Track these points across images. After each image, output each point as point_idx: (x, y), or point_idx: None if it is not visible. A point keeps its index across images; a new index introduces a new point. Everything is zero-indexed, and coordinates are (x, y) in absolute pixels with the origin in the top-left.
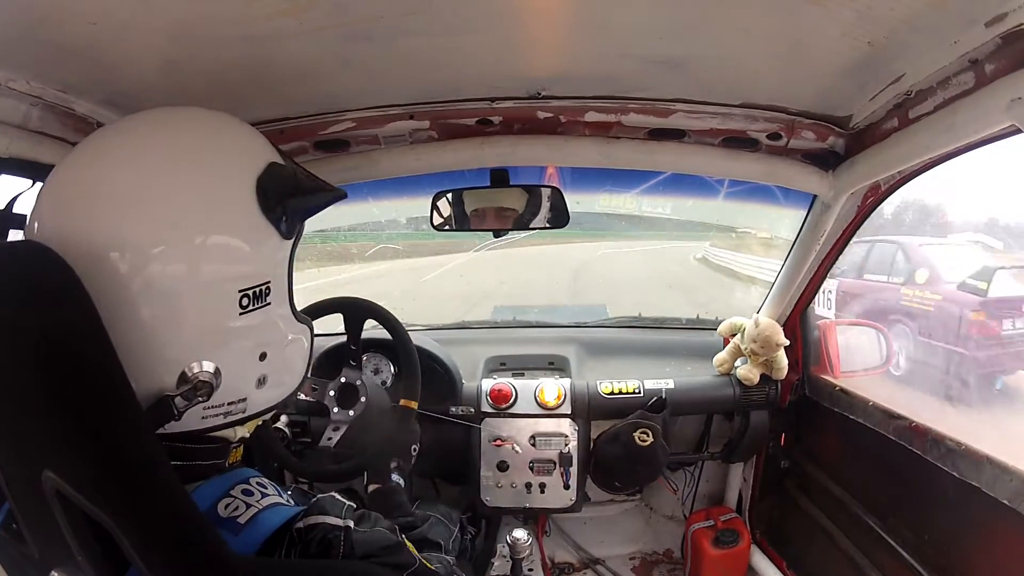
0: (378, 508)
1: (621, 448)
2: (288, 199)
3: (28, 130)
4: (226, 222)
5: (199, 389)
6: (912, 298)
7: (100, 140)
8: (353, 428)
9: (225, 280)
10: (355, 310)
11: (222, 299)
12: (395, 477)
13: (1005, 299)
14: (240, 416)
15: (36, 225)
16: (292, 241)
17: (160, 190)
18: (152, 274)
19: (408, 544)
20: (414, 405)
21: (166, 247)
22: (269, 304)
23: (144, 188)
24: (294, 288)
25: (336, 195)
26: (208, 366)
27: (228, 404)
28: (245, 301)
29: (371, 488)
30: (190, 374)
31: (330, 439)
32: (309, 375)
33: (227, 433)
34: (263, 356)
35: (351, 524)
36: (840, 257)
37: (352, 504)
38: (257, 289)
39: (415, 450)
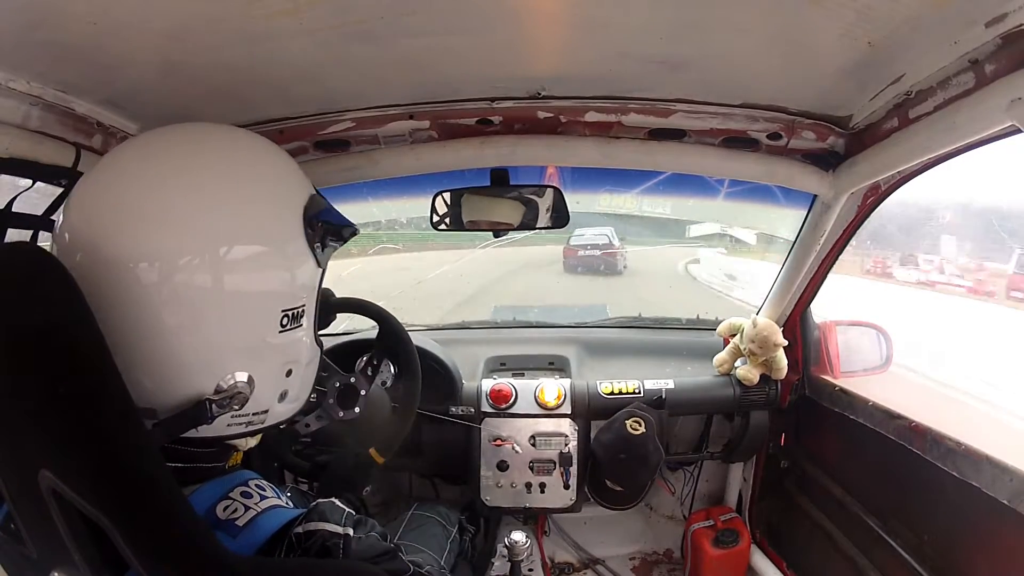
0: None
1: (613, 435)
2: (327, 230)
3: (28, 130)
4: (279, 247)
5: (235, 398)
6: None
7: (145, 152)
8: (332, 429)
9: (273, 299)
10: (391, 331)
11: (267, 316)
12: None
13: (576, 245)
14: (259, 427)
15: (67, 235)
16: (322, 270)
17: (221, 212)
18: (209, 283)
19: (400, 552)
20: (380, 461)
21: (223, 261)
22: (301, 326)
23: (204, 208)
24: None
25: (355, 230)
26: (243, 376)
27: (253, 414)
28: (285, 320)
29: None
30: (227, 384)
31: (308, 426)
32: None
33: (238, 442)
34: (289, 372)
35: (350, 532)
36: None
37: (351, 511)
38: (295, 311)
39: (367, 492)
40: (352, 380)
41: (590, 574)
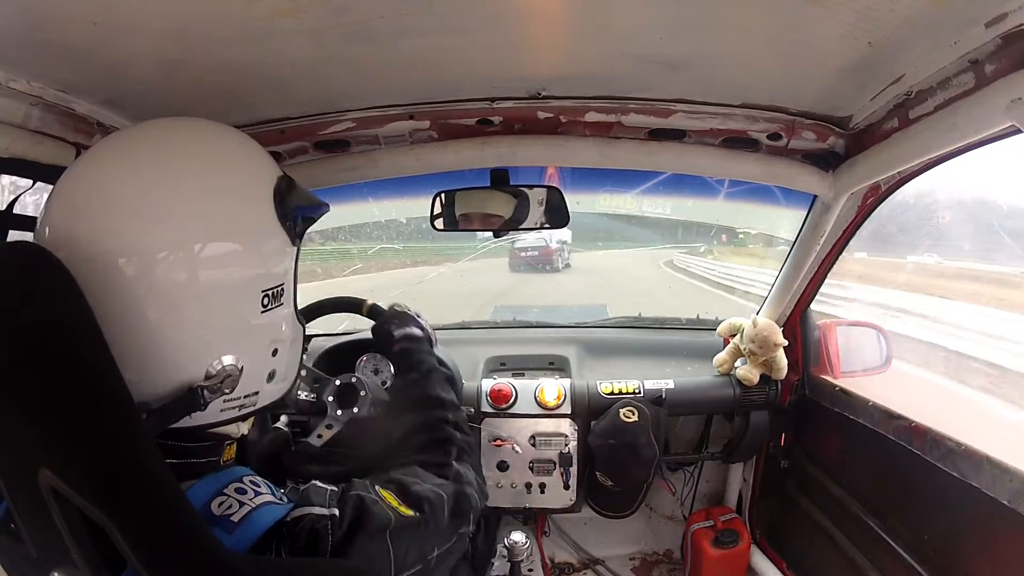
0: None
1: (605, 423)
2: (297, 208)
3: (28, 130)
4: (253, 229)
5: (225, 382)
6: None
7: (117, 147)
8: (346, 431)
9: (251, 280)
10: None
11: (248, 298)
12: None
13: (518, 248)
14: (251, 409)
15: (47, 230)
16: (297, 248)
17: (193, 200)
18: (189, 275)
19: (387, 495)
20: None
21: (201, 251)
22: (282, 304)
23: (176, 197)
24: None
25: (325, 207)
26: (230, 359)
27: (244, 397)
28: (266, 300)
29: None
30: (215, 369)
31: (320, 436)
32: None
33: (230, 429)
34: (275, 352)
35: (335, 512)
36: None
37: (335, 488)
38: (275, 290)
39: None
40: (353, 380)
41: (590, 574)
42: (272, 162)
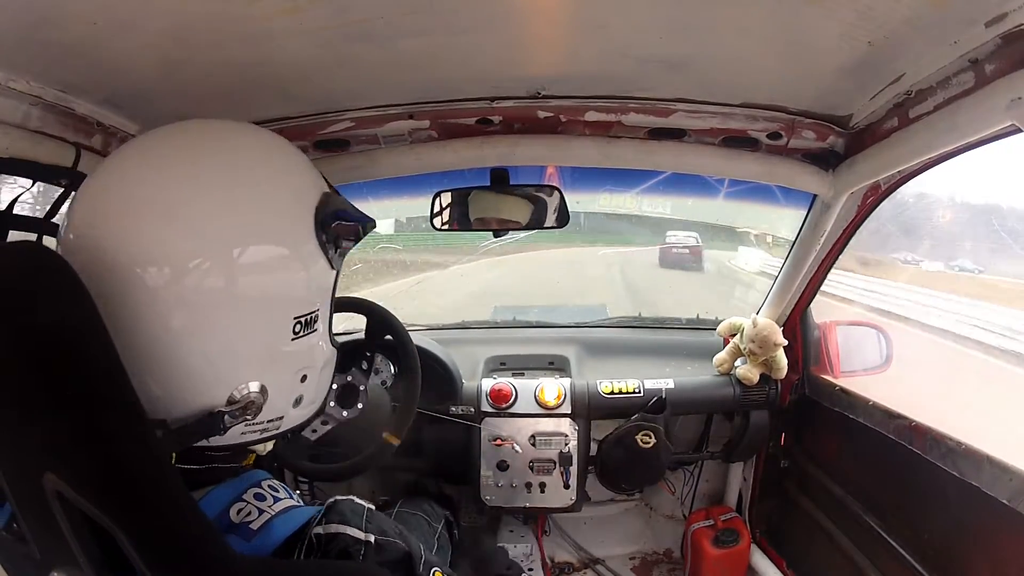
0: None
1: (624, 451)
2: (340, 231)
3: (28, 130)
4: (289, 251)
5: (248, 408)
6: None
7: (143, 148)
8: (339, 429)
9: (284, 306)
10: (381, 321)
11: (279, 324)
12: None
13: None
14: (274, 432)
15: (72, 238)
16: (336, 271)
17: (232, 214)
18: (217, 296)
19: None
20: (396, 441)
21: (233, 269)
22: (316, 331)
23: (214, 210)
24: None
25: (371, 223)
26: (255, 386)
27: (267, 422)
28: (298, 328)
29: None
30: (239, 395)
31: (314, 431)
32: None
33: (257, 448)
34: (304, 378)
35: (372, 539)
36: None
37: (371, 507)
38: (308, 316)
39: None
40: (349, 379)
41: (590, 574)
42: (317, 176)
